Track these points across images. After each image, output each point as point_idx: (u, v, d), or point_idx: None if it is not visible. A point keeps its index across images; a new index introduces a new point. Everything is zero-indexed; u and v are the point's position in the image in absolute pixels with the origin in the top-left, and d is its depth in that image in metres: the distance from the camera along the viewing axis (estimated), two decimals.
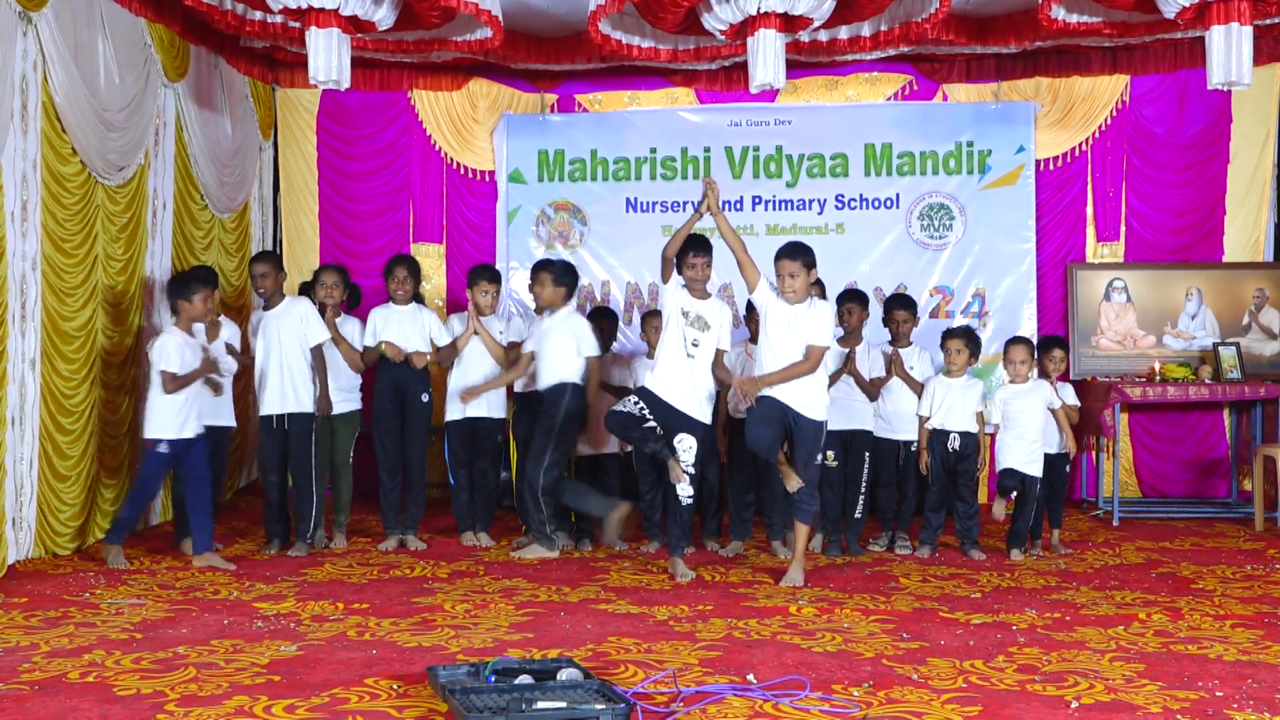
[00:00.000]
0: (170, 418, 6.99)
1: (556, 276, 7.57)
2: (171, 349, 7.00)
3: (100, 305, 7.65)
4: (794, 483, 6.64)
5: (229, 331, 7.68)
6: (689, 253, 6.88)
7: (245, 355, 7.74)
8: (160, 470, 7.15)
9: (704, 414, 6.96)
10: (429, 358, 7.75)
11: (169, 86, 8.41)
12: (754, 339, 7.64)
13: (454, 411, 7.85)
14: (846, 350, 7.58)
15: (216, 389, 7.42)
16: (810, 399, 6.68)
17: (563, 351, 7.46)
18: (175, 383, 6.96)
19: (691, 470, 6.84)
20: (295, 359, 7.44)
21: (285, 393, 7.44)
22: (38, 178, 6.97)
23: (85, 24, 7.33)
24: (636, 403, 6.84)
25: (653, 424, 6.82)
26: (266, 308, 7.58)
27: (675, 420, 6.83)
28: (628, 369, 7.98)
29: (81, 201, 7.41)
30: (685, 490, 6.85)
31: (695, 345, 6.88)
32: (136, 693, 4.44)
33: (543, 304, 7.62)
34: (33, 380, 6.99)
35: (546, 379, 7.48)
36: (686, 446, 6.82)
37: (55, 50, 6.97)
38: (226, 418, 7.70)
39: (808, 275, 6.68)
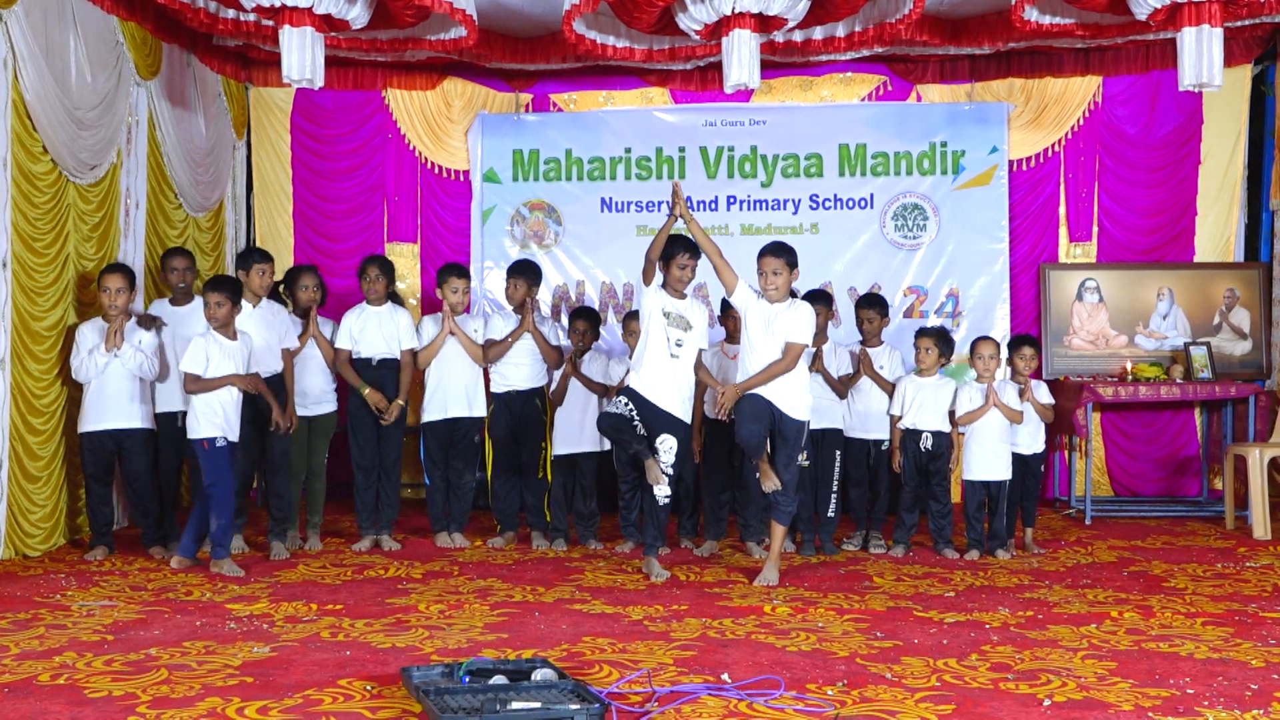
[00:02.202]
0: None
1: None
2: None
3: (71, 305, 7.59)
4: (771, 484, 6.65)
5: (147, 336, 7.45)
6: (682, 253, 6.91)
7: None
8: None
9: (687, 414, 6.98)
10: (401, 403, 7.70)
11: (141, 85, 8.36)
12: (730, 339, 7.65)
13: (432, 412, 7.83)
14: (813, 350, 7.59)
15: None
16: (794, 398, 6.70)
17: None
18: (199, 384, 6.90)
19: (670, 471, 6.85)
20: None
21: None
22: (8, 176, 6.92)
23: (56, 21, 7.28)
24: (626, 404, 6.85)
25: (639, 425, 6.83)
26: (175, 303, 7.66)
27: (659, 420, 6.84)
28: (607, 369, 7.96)
29: (52, 200, 7.36)
30: (663, 491, 6.85)
31: (679, 345, 6.89)
32: (108, 695, 4.41)
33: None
34: (2, 380, 6.94)
35: None
36: (668, 447, 6.82)
37: (26, 48, 6.92)
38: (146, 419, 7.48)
39: (790, 274, 6.70)
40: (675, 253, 6.90)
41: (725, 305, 7.74)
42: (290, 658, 4.95)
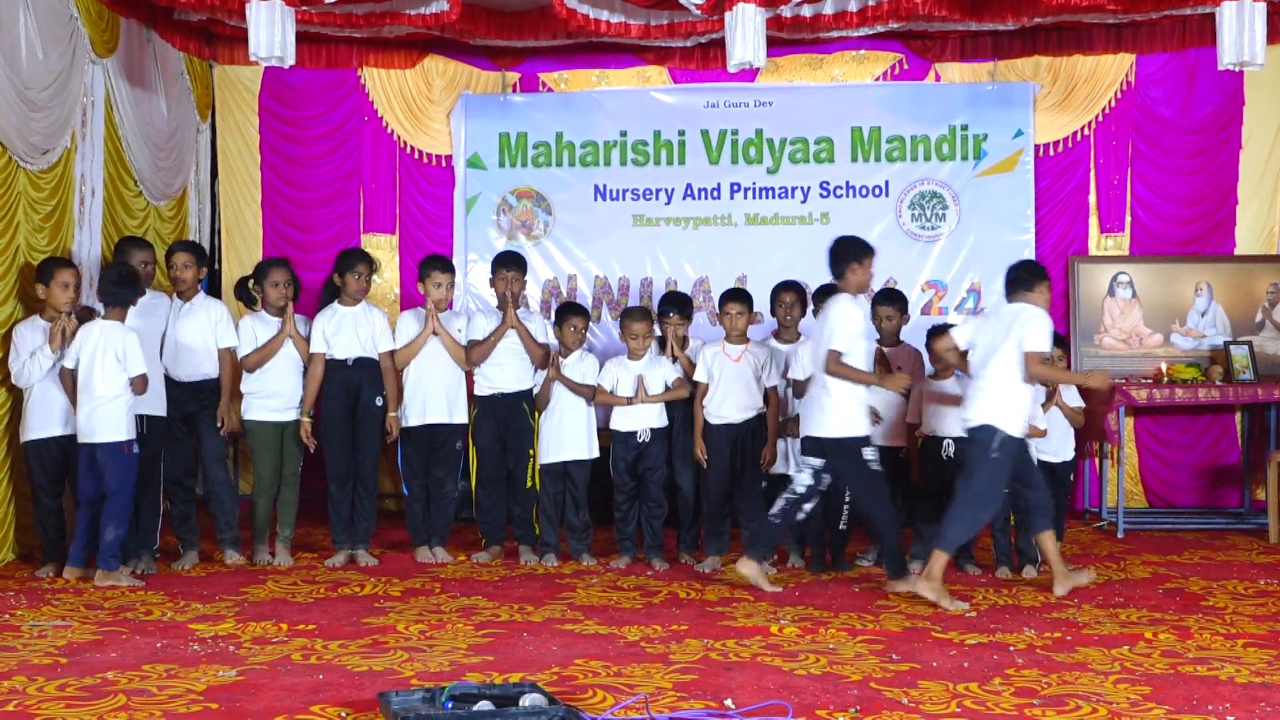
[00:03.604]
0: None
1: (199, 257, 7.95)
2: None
3: (22, 301, 7.58)
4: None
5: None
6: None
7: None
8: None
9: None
10: (394, 414, 7.80)
11: (97, 63, 8.35)
12: (728, 338, 7.63)
13: (410, 417, 7.83)
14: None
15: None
16: None
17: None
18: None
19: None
20: (155, 355, 7.54)
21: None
22: None
23: None
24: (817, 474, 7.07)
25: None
26: None
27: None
28: (597, 369, 7.93)
29: (1, 188, 7.35)
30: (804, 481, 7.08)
31: None
32: None
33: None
34: None
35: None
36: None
37: None
38: None
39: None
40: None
41: (722, 302, 7.77)
42: (259, 682, 4.95)
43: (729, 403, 7.59)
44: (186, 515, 7.73)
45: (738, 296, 7.77)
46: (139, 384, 7.00)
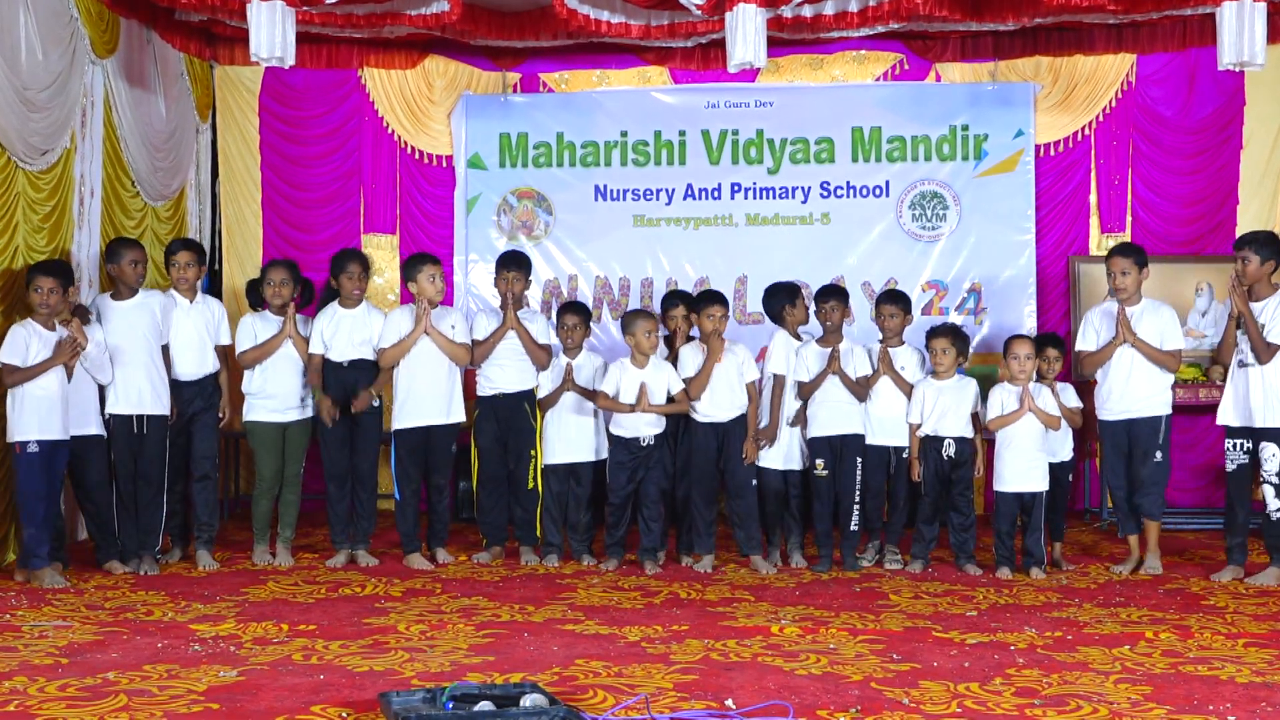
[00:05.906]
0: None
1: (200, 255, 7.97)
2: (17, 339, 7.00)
3: (20, 301, 7.58)
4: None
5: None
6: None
7: None
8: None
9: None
10: (372, 392, 7.77)
11: (97, 63, 8.36)
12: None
13: (403, 419, 7.78)
14: (829, 350, 7.62)
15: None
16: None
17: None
18: (18, 375, 6.95)
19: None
20: (154, 354, 7.57)
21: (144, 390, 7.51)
22: None
23: None
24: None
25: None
26: (117, 297, 7.62)
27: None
28: (603, 371, 7.92)
29: (0, 188, 7.36)
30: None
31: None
32: None
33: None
34: None
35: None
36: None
37: None
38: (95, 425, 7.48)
39: (1139, 273, 7.57)
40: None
41: (703, 305, 7.76)
42: (259, 682, 4.96)
43: (714, 402, 7.60)
44: (174, 512, 7.77)
45: (719, 299, 7.79)
46: (4, 374, 6.96)
